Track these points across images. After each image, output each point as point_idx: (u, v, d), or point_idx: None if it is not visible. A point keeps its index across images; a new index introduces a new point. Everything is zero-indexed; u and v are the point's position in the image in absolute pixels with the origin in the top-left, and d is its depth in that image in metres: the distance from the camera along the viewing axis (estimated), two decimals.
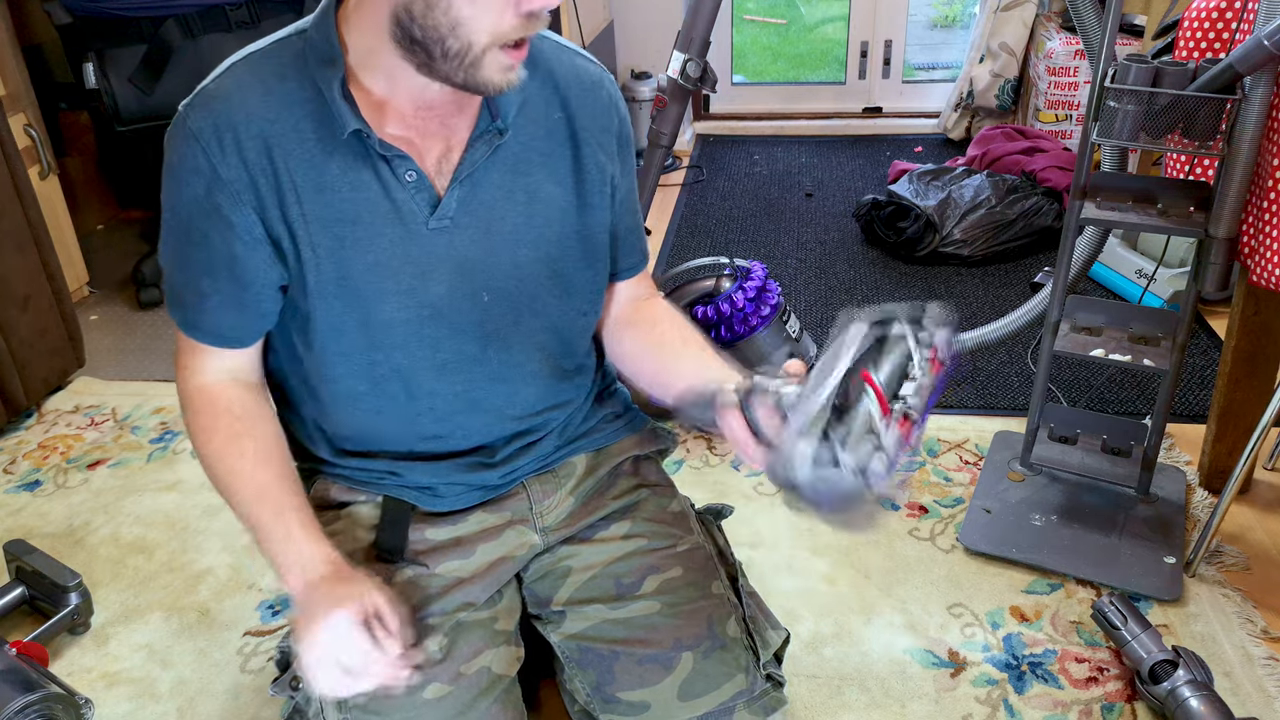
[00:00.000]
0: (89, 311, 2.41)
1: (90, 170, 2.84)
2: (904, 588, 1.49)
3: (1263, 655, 1.36)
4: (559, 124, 0.99)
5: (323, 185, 0.91)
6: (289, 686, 0.99)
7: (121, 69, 2.18)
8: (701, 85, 1.87)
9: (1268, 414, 1.42)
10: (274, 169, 0.90)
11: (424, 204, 0.94)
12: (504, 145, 0.96)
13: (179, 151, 0.91)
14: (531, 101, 0.97)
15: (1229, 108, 1.30)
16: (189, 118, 0.91)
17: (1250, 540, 1.56)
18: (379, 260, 0.94)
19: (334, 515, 1.07)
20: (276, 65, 0.91)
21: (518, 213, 0.98)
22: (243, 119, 0.89)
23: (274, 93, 0.90)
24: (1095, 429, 1.69)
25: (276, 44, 0.93)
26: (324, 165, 0.91)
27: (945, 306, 0.86)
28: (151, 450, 1.88)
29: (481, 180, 0.96)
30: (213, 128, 0.89)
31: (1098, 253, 1.74)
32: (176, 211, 0.94)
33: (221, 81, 0.91)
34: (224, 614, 1.48)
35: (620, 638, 1.05)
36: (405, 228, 0.94)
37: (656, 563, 1.09)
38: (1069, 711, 1.28)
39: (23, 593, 1.45)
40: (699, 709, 1.01)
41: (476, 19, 0.80)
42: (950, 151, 3.26)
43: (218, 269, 0.94)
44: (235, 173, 0.90)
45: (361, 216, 0.92)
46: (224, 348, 0.99)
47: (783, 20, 5.17)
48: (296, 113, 0.90)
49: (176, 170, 0.92)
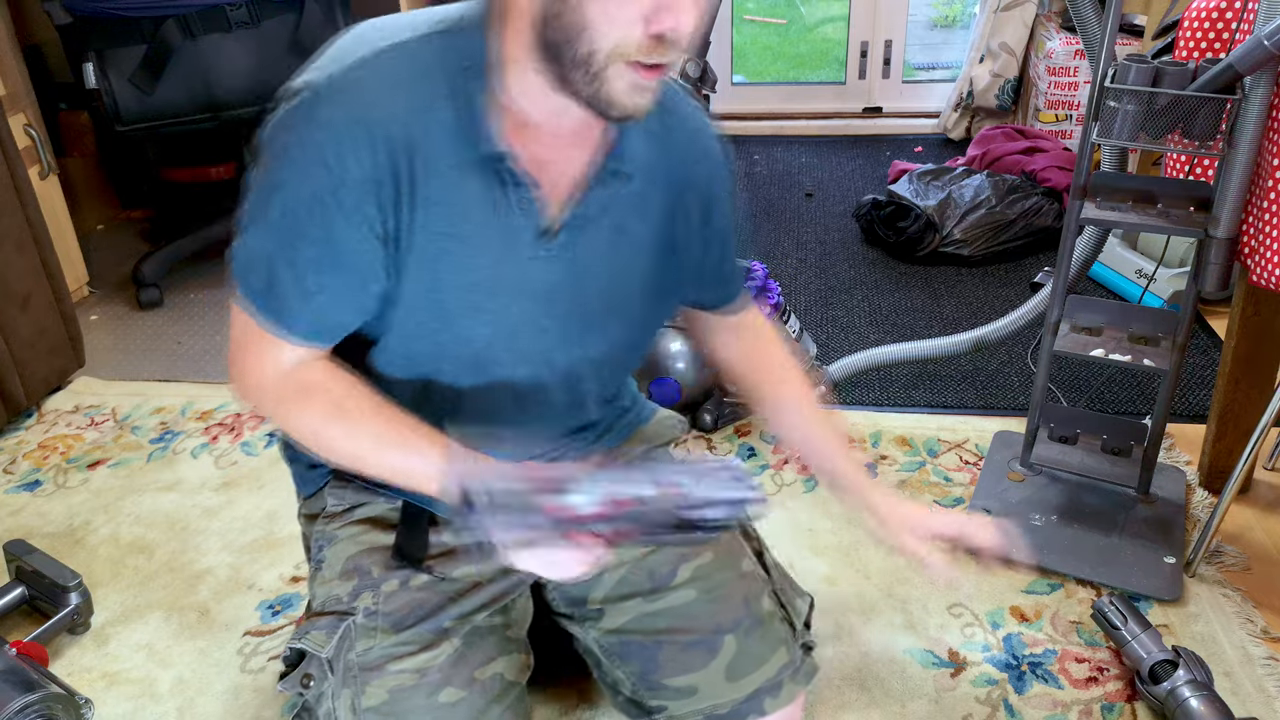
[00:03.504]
0: (89, 311, 2.41)
1: (90, 170, 2.84)
2: (904, 588, 1.49)
3: (1263, 655, 1.36)
4: (661, 167, 0.98)
5: (441, 198, 0.88)
6: (299, 684, 0.98)
7: (121, 69, 2.18)
8: (701, 85, 1.87)
9: (1268, 414, 1.42)
10: (397, 173, 0.86)
11: (530, 231, 0.91)
12: (623, 190, 0.95)
13: (304, 139, 0.85)
14: (650, 145, 0.96)
15: (1229, 108, 1.30)
16: (320, 105, 0.84)
17: (1250, 540, 1.56)
18: (475, 280, 0.91)
19: (350, 513, 1.07)
20: (419, 65, 0.86)
21: (605, 248, 0.97)
22: (379, 117, 0.84)
23: (414, 94, 0.86)
24: (1095, 429, 1.69)
25: (417, 41, 0.87)
26: (447, 177, 0.87)
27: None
28: (151, 450, 1.88)
29: (593, 221, 0.94)
30: (348, 121, 0.84)
31: (1098, 253, 1.74)
32: (289, 203, 0.87)
33: (360, 73, 0.85)
34: (224, 614, 1.48)
35: (661, 628, 1.05)
36: (507, 251, 0.91)
37: (687, 550, 1.10)
38: (1069, 711, 1.28)
39: (23, 593, 1.45)
40: (748, 687, 1.02)
41: (603, 25, 0.77)
42: (950, 151, 3.26)
43: (333, 266, 0.88)
44: (365, 171, 0.85)
45: (471, 235, 0.90)
46: (316, 344, 0.93)
47: (783, 20, 5.17)
48: (431, 119, 0.86)
49: (298, 159, 0.86)
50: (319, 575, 1.05)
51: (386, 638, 0.98)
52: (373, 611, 0.99)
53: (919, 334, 2.18)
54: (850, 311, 2.33)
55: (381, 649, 0.97)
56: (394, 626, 0.98)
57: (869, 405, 1.95)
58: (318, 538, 1.08)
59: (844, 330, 2.25)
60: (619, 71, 0.79)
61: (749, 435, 1.85)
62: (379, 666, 0.96)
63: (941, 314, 2.31)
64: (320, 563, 1.05)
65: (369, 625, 0.98)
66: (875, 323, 2.28)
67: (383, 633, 0.98)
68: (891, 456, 1.79)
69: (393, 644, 0.97)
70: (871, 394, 1.98)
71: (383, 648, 0.97)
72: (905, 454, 1.79)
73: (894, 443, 1.82)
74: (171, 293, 2.48)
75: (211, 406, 2.00)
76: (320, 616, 1.00)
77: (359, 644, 0.97)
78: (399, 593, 1.00)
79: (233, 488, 1.76)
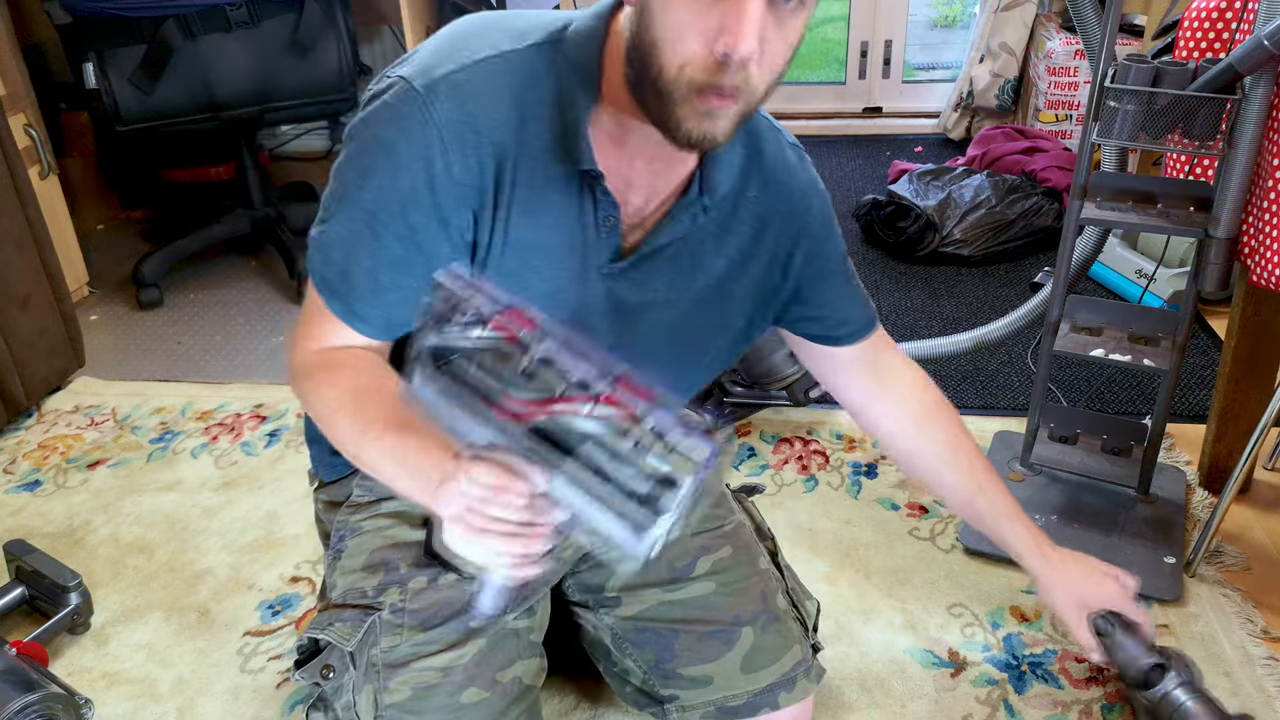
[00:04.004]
0: (89, 311, 2.41)
1: (90, 170, 2.84)
2: (904, 588, 1.49)
3: (1263, 655, 1.36)
4: (750, 202, 0.98)
5: (532, 209, 0.88)
6: (318, 674, 0.97)
7: (121, 69, 2.18)
8: None
9: (1268, 414, 1.42)
10: (498, 180, 0.86)
11: (607, 249, 0.92)
12: (702, 222, 0.95)
13: (409, 134, 0.84)
14: (736, 178, 0.96)
15: (1229, 108, 1.30)
16: (432, 104, 0.84)
17: (1250, 540, 1.56)
18: (551, 292, 0.91)
19: (377, 505, 1.07)
20: (531, 74, 0.86)
21: (677, 277, 0.97)
22: (488, 122, 0.84)
23: (523, 103, 0.86)
24: (1095, 429, 1.69)
25: (532, 49, 0.87)
26: (542, 190, 0.88)
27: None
28: (151, 450, 1.88)
29: (666, 251, 0.94)
30: (457, 123, 0.84)
31: (1098, 253, 1.74)
32: (378, 196, 0.86)
33: (472, 74, 0.85)
34: (224, 614, 1.48)
35: (679, 617, 1.06)
36: (583, 266, 0.92)
37: (706, 543, 1.11)
38: (1069, 711, 1.28)
39: (23, 593, 1.45)
40: (762, 681, 1.03)
41: (670, 44, 0.77)
42: (950, 151, 3.26)
43: (411, 265, 0.88)
44: (467, 175, 0.85)
45: (553, 247, 0.90)
46: (378, 339, 0.93)
47: None
48: (534, 129, 0.86)
49: (398, 152, 0.85)
50: (339, 564, 1.04)
51: (413, 635, 0.97)
52: (399, 608, 0.99)
53: (919, 334, 2.18)
54: None
55: (408, 646, 0.97)
56: (421, 624, 0.98)
57: None
58: (339, 526, 1.07)
59: None
60: (685, 95, 0.79)
61: (749, 435, 1.85)
62: (404, 664, 0.97)
63: (941, 314, 2.31)
64: (340, 552, 1.05)
65: (395, 622, 0.98)
66: None
67: (409, 630, 0.98)
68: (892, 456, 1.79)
69: (419, 642, 0.97)
70: None
71: (409, 645, 0.97)
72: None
73: None
74: (171, 293, 2.47)
75: (211, 406, 2.00)
76: (343, 609, 0.99)
77: (384, 640, 0.97)
78: (427, 590, 1.00)
79: (233, 488, 1.76)
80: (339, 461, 1.10)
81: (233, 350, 2.23)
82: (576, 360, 0.68)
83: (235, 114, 2.31)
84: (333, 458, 1.11)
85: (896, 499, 1.67)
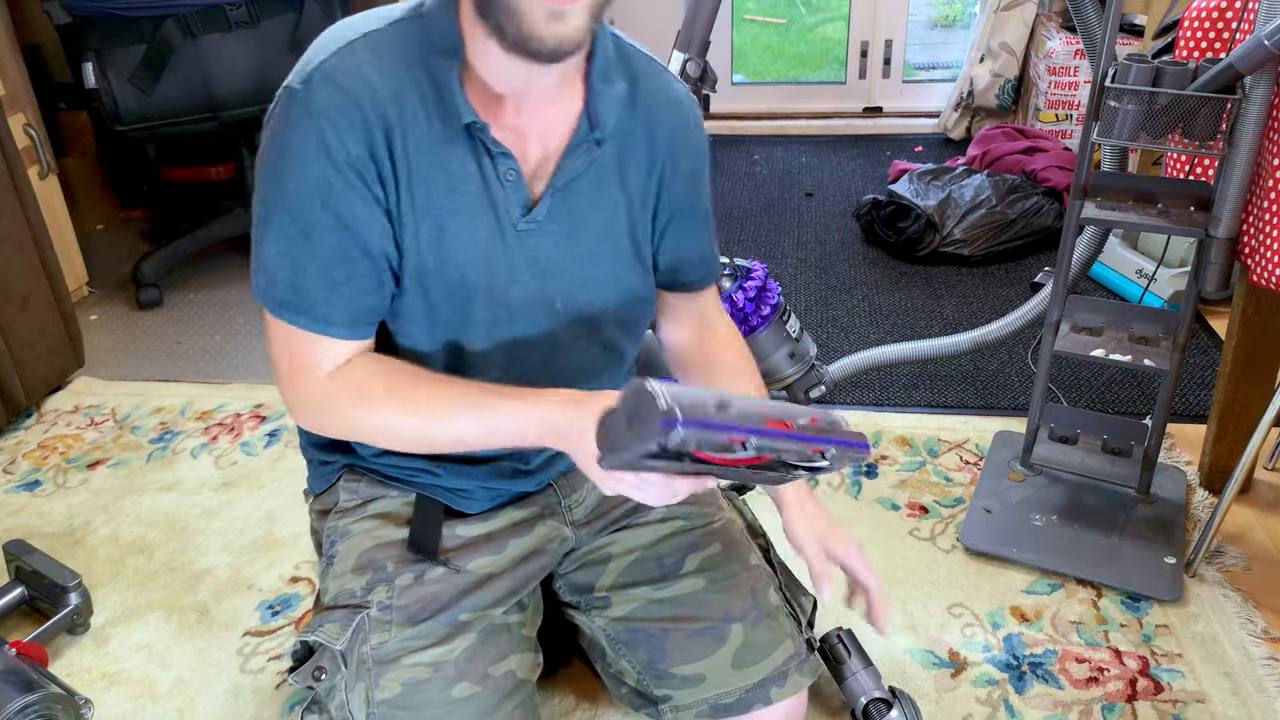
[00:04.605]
0: (89, 311, 2.41)
1: (90, 170, 2.83)
2: (904, 588, 1.49)
3: (1263, 655, 1.35)
4: (640, 137, 1.00)
5: (431, 175, 0.90)
6: (311, 676, 0.98)
7: (121, 69, 2.18)
8: (701, 85, 1.87)
9: (1268, 414, 1.42)
10: (391, 153, 0.89)
11: (517, 204, 0.94)
12: (598, 156, 0.97)
13: (299, 131, 0.87)
14: (622, 113, 0.98)
15: (1229, 108, 1.30)
16: (311, 96, 0.87)
17: (1250, 540, 1.56)
18: (472, 258, 0.93)
19: (364, 508, 1.07)
20: (395, 50, 0.89)
21: (598, 221, 0.99)
22: (368, 98, 0.87)
23: (397, 76, 0.89)
24: (1095, 429, 1.69)
25: (394, 25, 0.91)
26: (435, 154, 0.90)
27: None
28: (151, 450, 1.88)
29: (573, 188, 0.96)
30: (339, 105, 0.86)
31: (1098, 253, 1.74)
32: (296, 199, 0.88)
33: (343, 59, 0.88)
34: (224, 614, 1.48)
35: (668, 615, 1.06)
36: (498, 226, 0.94)
37: (696, 540, 1.11)
38: (1069, 711, 1.28)
39: (22, 593, 1.45)
40: (754, 676, 1.03)
41: None
42: (950, 151, 3.26)
43: (352, 252, 0.90)
44: (362, 150, 0.87)
45: (462, 210, 0.92)
46: (355, 338, 0.94)
47: (783, 20, 5.16)
48: (411, 96, 0.89)
49: (298, 151, 0.87)
50: (331, 570, 1.05)
51: (401, 631, 0.98)
52: (387, 605, 0.99)
53: (919, 334, 2.18)
54: (850, 311, 2.33)
55: (396, 642, 0.97)
56: (409, 620, 0.99)
57: (869, 405, 1.95)
58: (329, 533, 1.08)
59: (844, 330, 2.25)
60: (532, 3, 0.81)
61: None
62: (394, 660, 0.97)
63: (941, 314, 2.31)
64: (332, 558, 1.06)
65: (383, 619, 0.98)
66: (875, 323, 2.28)
67: (398, 626, 0.98)
68: (892, 456, 1.79)
69: (408, 637, 0.98)
70: (872, 394, 1.98)
71: (398, 641, 0.97)
72: (905, 454, 1.79)
73: (894, 443, 1.82)
74: (171, 293, 2.47)
75: (211, 406, 2.00)
76: (333, 610, 1.00)
77: (373, 637, 0.98)
78: (414, 586, 1.01)
79: (232, 488, 1.76)
80: (328, 470, 1.11)
81: (232, 350, 2.23)
82: (779, 442, 0.79)
83: (235, 114, 2.31)
84: (322, 467, 1.11)
85: (896, 499, 1.67)
